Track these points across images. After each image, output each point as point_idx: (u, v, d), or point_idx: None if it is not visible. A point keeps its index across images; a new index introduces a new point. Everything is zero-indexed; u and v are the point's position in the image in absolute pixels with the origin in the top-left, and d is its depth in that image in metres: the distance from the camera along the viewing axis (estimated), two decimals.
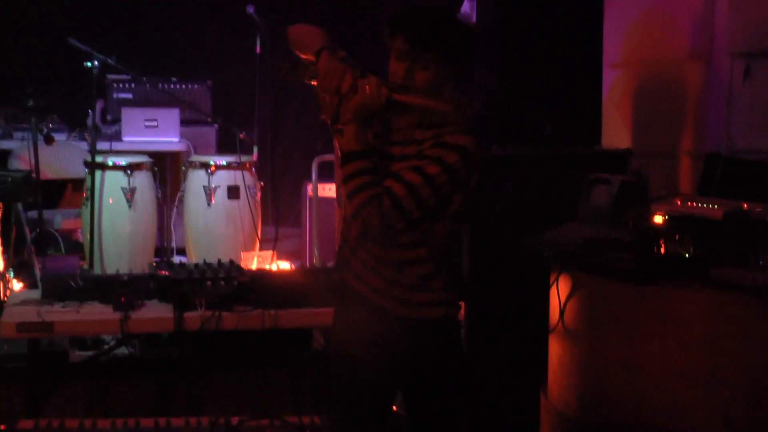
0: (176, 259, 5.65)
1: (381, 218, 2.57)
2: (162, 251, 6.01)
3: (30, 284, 4.52)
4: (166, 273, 3.98)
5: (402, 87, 2.61)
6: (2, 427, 3.58)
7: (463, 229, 3.89)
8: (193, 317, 3.84)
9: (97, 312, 3.85)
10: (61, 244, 5.94)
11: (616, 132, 4.89)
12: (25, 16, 6.61)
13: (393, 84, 2.63)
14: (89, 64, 5.05)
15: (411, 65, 2.62)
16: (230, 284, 3.95)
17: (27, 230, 5.08)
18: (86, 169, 5.24)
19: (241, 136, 5.45)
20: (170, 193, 6.09)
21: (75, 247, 5.74)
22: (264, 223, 5.68)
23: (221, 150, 6.25)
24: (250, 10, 5.67)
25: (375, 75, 2.66)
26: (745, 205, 3.03)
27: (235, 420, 3.66)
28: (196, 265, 4.12)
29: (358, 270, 2.74)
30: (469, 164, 2.59)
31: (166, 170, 6.29)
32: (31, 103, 5.12)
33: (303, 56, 2.81)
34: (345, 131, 2.64)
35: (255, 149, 5.83)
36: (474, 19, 4.50)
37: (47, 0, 6.61)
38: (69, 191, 6.43)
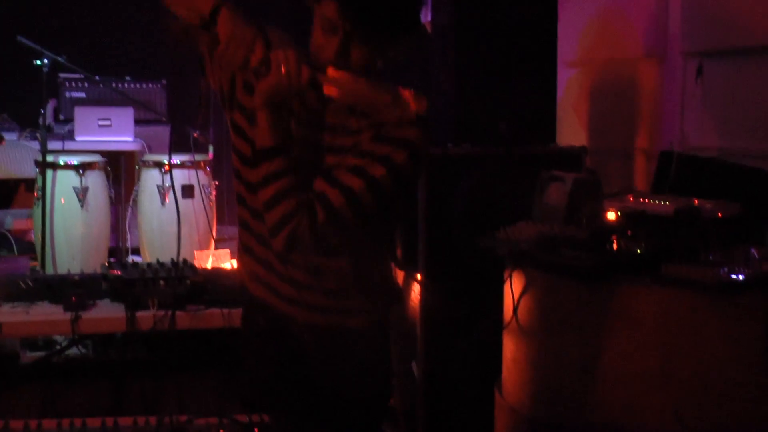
0: (132, 259, 5.60)
1: (313, 233, 2.13)
2: (116, 251, 5.95)
3: None
4: (118, 273, 3.93)
5: (330, 65, 2.14)
6: None
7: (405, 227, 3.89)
8: (146, 317, 3.80)
9: (47, 312, 3.80)
10: (14, 245, 5.85)
11: (571, 130, 4.92)
12: None
13: (317, 61, 2.16)
14: (39, 62, 4.99)
15: (345, 39, 2.13)
16: (183, 283, 3.91)
17: None
18: (37, 169, 5.17)
19: (195, 134, 5.41)
20: (125, 193, 6.04)
21: (28, 248, 5.66)
22: (219, 222, 5.64)
23: (175, 150, 6.19)
24: None
25: (291, 46, 2.18)
26: (696, 202, 3.04)
27: (183, 418, 3.62)
28: (149, 265, 4.08)
29: (260, 273, 2.35)
30: (417, 163, 2.16)
31: (121, 170, 6.23)
32: None
33: (188, 19, 2.19)
34: (256, 120, 2.16)
35: (211, 148, 5.79)
36: (428, 18, 4.50)
37: None
38: (21, 191, 6.35)
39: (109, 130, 6.02)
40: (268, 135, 2.15)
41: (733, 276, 2.66)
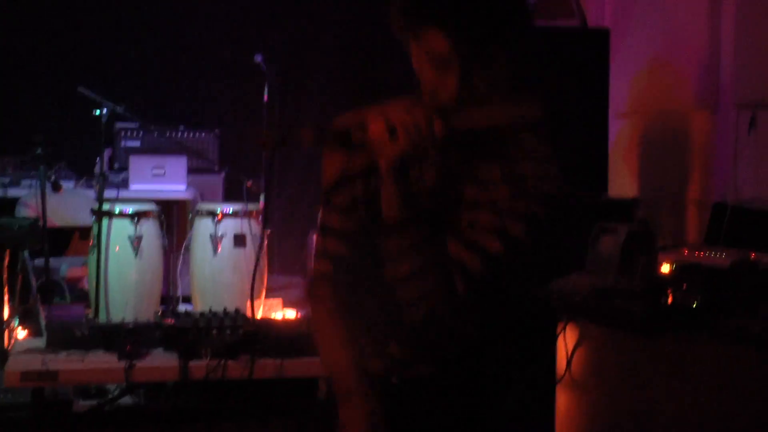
0: (182, 307, 5.63)
1: (453, 307, 1.97)
2: (168, 300, 5.99)
3: (35, 332, 4.50)
4: (172, 321, 3.96)
5: (459, 106, 1.90)
6: None
7: None
8: (199, 366, 3.82)
9: (101, 361, 3.83)
10: (67, 293, 5.92)
11: (623, 181, 4.90)
12: (34, 64, 6.67)
13: (436, 104, 1.91)
14: (98, 112, 5.08)
15: (464, 72, 1.90)
16: (236, 333, 3.93)
17: (33, 278, 5.07)
18: (93, 217, 5.24)
19: (248, 184, 5.45)
20: (176, 241, 6.08)
21: (80, 296, 5.72)
22: (270, 271, 5.67)
23: (228, 198, 6.25)
24: (258, 59, 5.70)
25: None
26: (753, 255, 3.02)
27: None
28: (202, 314, 4.11)
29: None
30: (560, 216, 1.96)
31: (173, 218, 6.29)
32: (39, 151, 5.13)
33: None
34: (383, 190, 1.93)
35: (262, 197, 5.83)
36: None
37: (57, 49, 6.65)
38: (76, 239, 6.43)
39: (162, 179, 6.09)
40: (396, 206, 1.93)
41: None
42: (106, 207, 5.19)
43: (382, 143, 1.89)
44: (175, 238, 6.11)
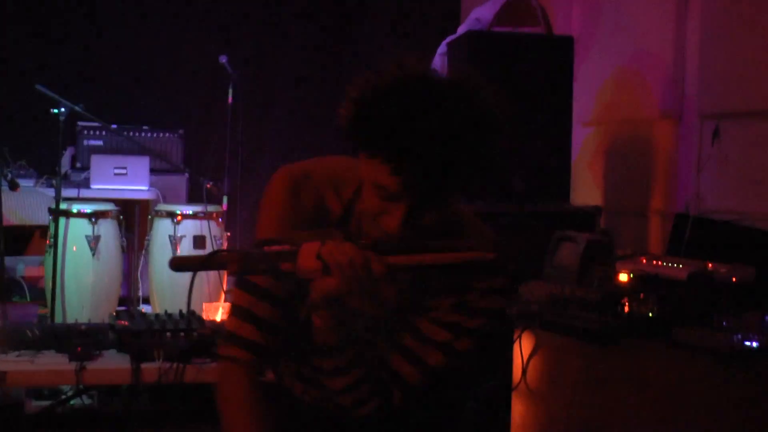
0: (143, 308, 5.57)
1: (388, 412, 1.94)
2: (128, 301, 5.93)
3: None
4: (125, 323, 3.90)
5: (402, 240, 1.73)
6: None
7: None
8: (151, 369, 3.75)
9: (52, 362, 3.76)
10: (27, 292, 5.85)
11: (586, 190, 4.89)
12: None
13: (381, 237, 1.74)
14: (56, 111, 5.01)
15: (411, 211, 1.72)
16: (190, 336, 3.87)
17: None
18: (50, 216, 5.17)
19: (208, 185, 5.41)
20: (138, 242, 6.02)
21: (40, 295, 5.64)
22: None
23: (192, 200, 6.19)
24: (223, 59, 5.65)
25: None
26: (710, 266, 3.00)
27: None
28: (157, 316, 4.05)
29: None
30: (502, 328, 2.05)
31: (135, 219, 6.23)
32: None
33: None
34: (312, 317, 1.82)
35: (225, 199, 5.78)
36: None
37: (18, 47, 6.56)
38: (36, 238, 6.34)
39: (124, 179, 6.02)
40: (328, 335, 1.82)
41: (747, 343, 2.61)
42: (63, 206, 5.13)
43: (314, 277, 1.73)
44: (136, 239, 6.05)
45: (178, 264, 1.78)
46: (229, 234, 5.54)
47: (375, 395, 1.91)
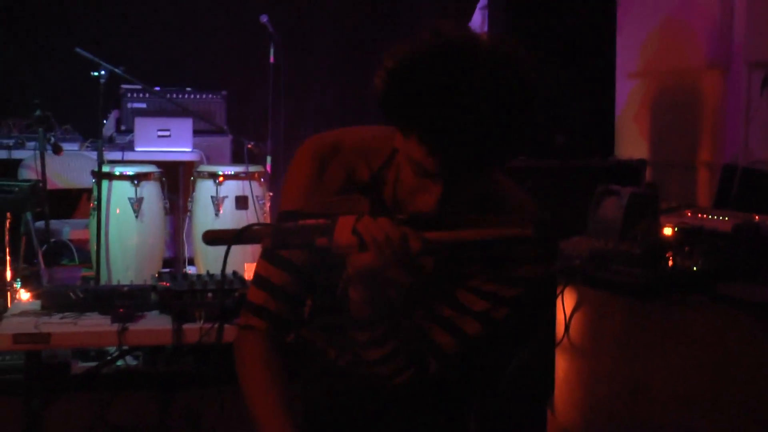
0: (189, 269, 5.59)
1: (425, 382, 1.91)
2: (175, 262, 5.96)
3: (37, 295, 4.46)
4: (167, 284, 3.90)
5: (439, 216, 1.68)
6: None
7: None
8: (193, 330, 3.76)
9: (94, 323, 3.77)
10: (75, 254, 5.90)
11: (631, 143, 4.80)
12: (38, 26, 6.60)
13: (418, 215, 1.69)
14: (96, 73, 5.00)
15: (449, 187, 1.67)
16: (231, 296, 3.86)
17: (36, 240, 5.03)
18: (93, 179, 5.19)
19: (249, 146, 5.39)
20: (183, 204, 6.04)
21: (88, 257, 5.69)
22: None
23: (236, 161, 6.19)
24: (264, 19, 5.61)
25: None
26: (757, 218, 2.92)
27: None
28: (199, 277, 4.05)
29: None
30: (542, 298, 2.04)
31: (179, 181, 6.24)
32: (38, 113, 5.09)
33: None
34: (348, 291, 1.79)
35: (269, 159, 5.77)
36: (485, 29, 4.42)
37: (59, 11, 6.58)
38: (83, 201, 6.39)
39: (168, 141, 6.03)
40: (363, 308, 1.79)
41: None
42: (106, 169, 5.14)
43: (350, 252, 1.68)
44: (181, 201, 6.07)
45: (212, 238, 1.80)
46: (271, 194, 5.52)
47: (411, 364, 1.88)
